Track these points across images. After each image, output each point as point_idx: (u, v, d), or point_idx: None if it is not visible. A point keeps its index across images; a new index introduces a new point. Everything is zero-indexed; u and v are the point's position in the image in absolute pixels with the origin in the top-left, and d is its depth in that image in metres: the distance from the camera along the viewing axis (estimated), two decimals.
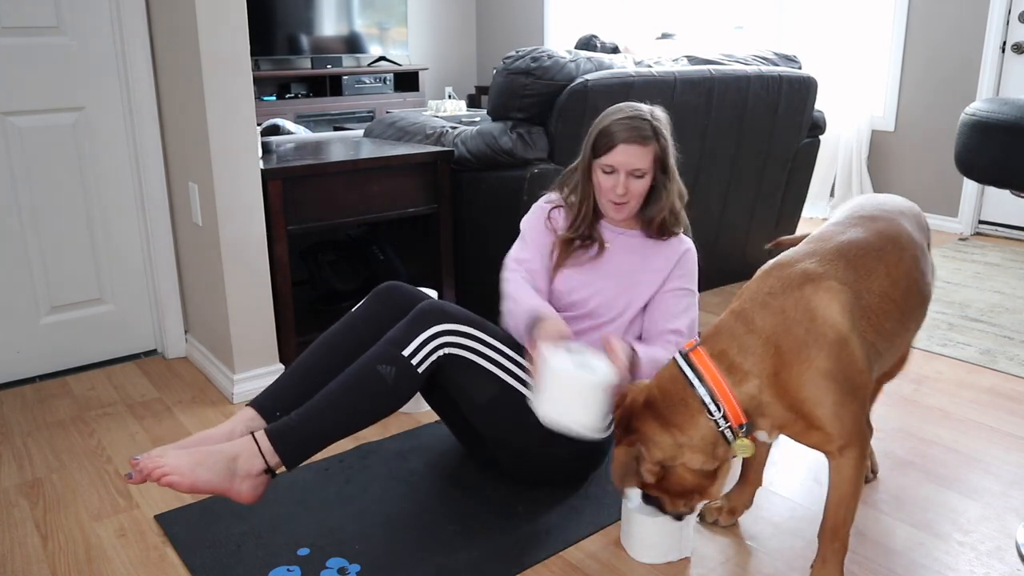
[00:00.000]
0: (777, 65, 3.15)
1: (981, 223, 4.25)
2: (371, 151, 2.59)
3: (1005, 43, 3.98)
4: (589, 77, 2.47)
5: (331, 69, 5.98)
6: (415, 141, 2.80)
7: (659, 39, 5.05)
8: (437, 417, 1.93)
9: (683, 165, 1.81)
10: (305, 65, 5.98)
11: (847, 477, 1.36)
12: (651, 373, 1.52)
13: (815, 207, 4.70)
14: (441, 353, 1.54)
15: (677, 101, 2.66)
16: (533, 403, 1.49)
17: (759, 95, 2.96)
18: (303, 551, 1.57)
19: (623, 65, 2.65)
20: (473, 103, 6.44)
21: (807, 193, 3.46)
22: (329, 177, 2.35)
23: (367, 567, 1.53)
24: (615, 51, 3.87)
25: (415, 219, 2.67)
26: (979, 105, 1.32)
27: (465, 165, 2.58)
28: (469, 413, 1.68)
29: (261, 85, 5.73)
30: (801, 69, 3.24)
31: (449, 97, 5.91)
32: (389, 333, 1.56)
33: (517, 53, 2.49)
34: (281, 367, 2.33)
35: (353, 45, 6.14)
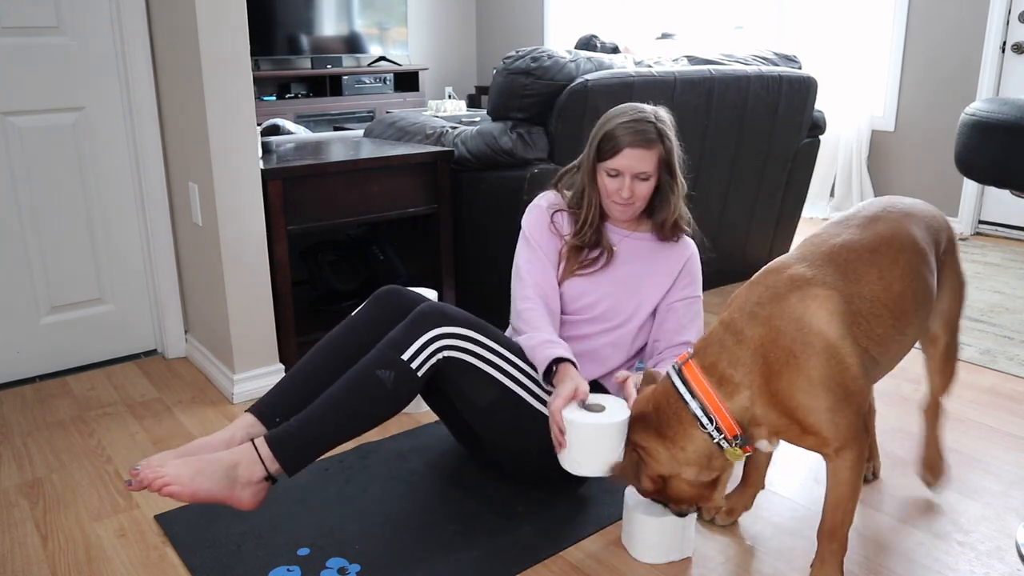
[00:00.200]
0: (777, 65, 3.15)
1: (981, 223, 4.25)
2: (371, 151, 2.59)
3: (1005, 43, 3.98)
4: (589, 77, 2.47)
5: (331, 69, 5.98)
6: (415, 141, 2.80)
7: (659, 39, 5.05)
8: (437, 417, 1.93)
9: (683, 165, 1.81)
10: (305, 65, 5.98)
11: (844, 479, 1.36)
12: None
13: (815, 207, 4.71)
14: (440, 356, 1.54)
15: (677, 101, 2.66)
16: (560, 461, 1.52)
17: (759, 95, 2.96)
18: (303, 551, 1.57)
19: (623, 65, 2.66)
20: (473, 103, 6.44)
21: (807, 193, 3.46)
22: (329, 177, 2.35)
23: (367, 567, 1.53)
24: (615, 51, 3.87)
25: (415, 219, 2.67)
26: (979, 105, 1.32)
27: (465, 165, 2.58)
28: (468, 416, 1.68)
29: (261, 85, 5.73)
30: (801, 69, 3.24)
31: (449, 97, 5.91)
32: (388, 336, 1.55)
33: (517, 53, 2.49)
34: (281, 367, 2.33)
35: (353, 45, 6.14)
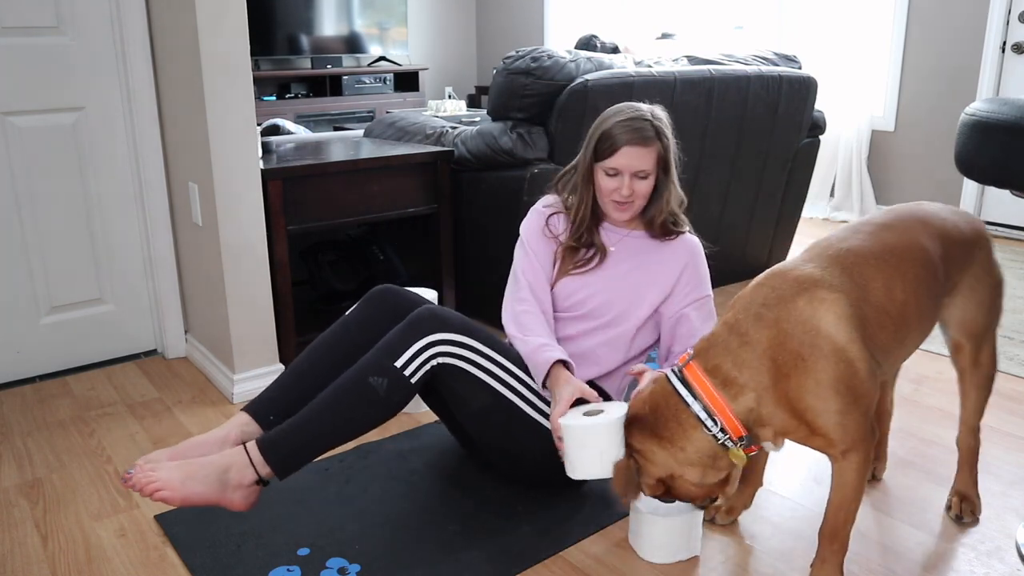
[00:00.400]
0: (777, 65, 3.15)
1: None
2: (371, 151, 2.59)
3: (1005, 43, 3.98)
4: (589, 77, 2.47)
5: (331, 69, 5.98)
6: (415, 141, 2.80)
7: (659, 39, 5.05)
8: (437, 417, 1.93)
9: (683, 165, 1.81)
10: (305, 65, 5.98)
11: (849, 480, 1.35)
12: None
13: (815, 207, 4.71)
14: (435, 363, 1.53)
15: (677, 101, 2.66)
16: (566, 469, 1.50)
17: (759, 95, 2.96)
18: (303, 551, 1.57)
19: (623, 65, 2.66)
20: (473, 103, 6.44)
21: (807, 193, 3.46)
22: (329, 177, 2.35)
23: (367, 567, 1.53)
24: (615, 51, 3.87)
25: (415, 219, 2.67)
26: (979, 105, 1.32)
27: (465, 165, 2.58)
28: (464, 420, 1.69)
29: (261, 85, 5.73)
30: (801, 69, 3.24)
31: (449, 97, 5.91)
32: (383, 340, 1.54)
33: (517, 53, 2.49)
34: (281, 367, 2.33)
35: (353, 45, 6.14)
